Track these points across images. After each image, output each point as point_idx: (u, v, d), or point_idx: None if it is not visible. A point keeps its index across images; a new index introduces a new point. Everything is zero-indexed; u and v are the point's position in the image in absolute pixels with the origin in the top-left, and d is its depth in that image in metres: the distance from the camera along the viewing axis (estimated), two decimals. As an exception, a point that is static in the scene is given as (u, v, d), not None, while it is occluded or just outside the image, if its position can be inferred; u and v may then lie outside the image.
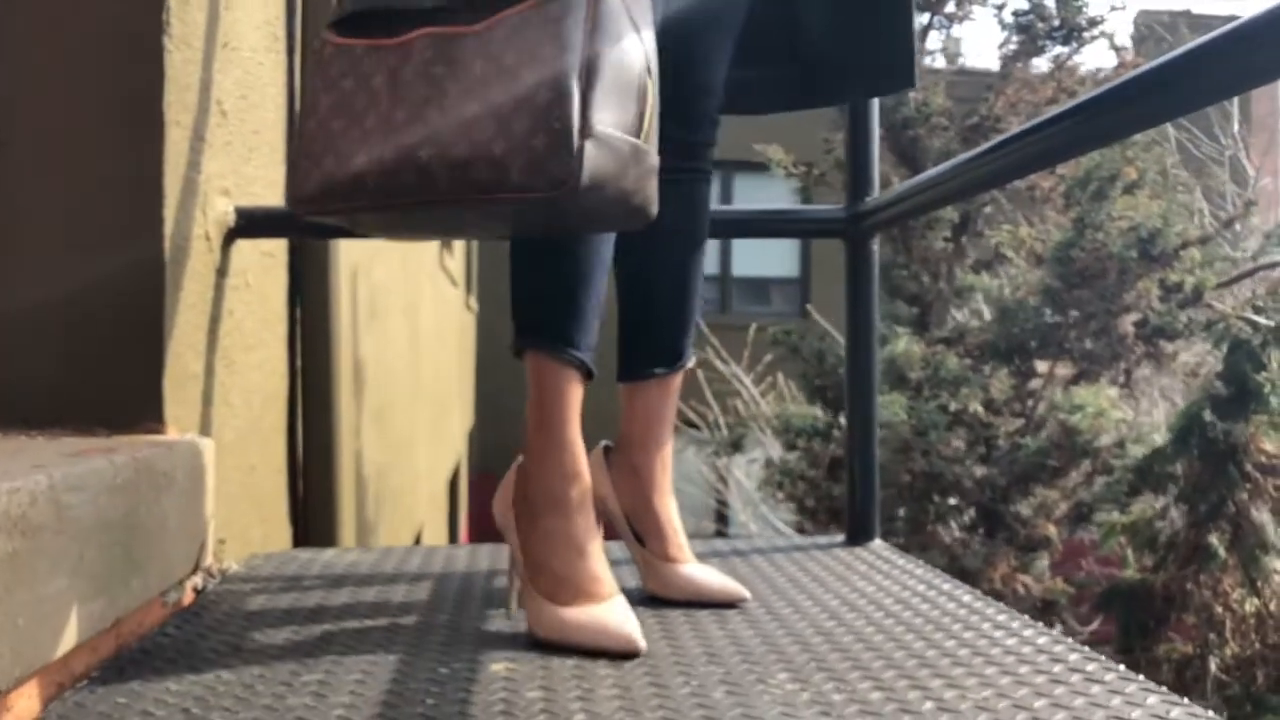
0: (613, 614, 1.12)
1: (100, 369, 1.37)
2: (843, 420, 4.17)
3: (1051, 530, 4.03)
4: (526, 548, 1.18)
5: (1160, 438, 4.36)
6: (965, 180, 1.39)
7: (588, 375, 1.18)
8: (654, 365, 1.36)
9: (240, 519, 1.62)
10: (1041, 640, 1.14)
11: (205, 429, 1.49)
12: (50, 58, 1.37)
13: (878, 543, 1.66)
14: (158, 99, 1.37)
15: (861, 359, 1.65)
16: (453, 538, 8.01)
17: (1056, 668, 1.04)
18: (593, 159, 0.89)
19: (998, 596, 3.79)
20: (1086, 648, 1.12)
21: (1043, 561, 4.04)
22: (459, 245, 6.89)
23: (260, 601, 1.32)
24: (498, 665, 1.06)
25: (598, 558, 1.16)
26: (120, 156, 1.36)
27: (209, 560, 1.44)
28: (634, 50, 0.94)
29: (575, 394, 1.17)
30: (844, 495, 1.69)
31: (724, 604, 1.29)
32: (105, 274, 1.37)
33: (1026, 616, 1.25)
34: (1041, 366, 4.34)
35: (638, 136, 0.94)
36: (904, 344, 4.13)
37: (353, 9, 1.03)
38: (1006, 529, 4.03)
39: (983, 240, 4.84)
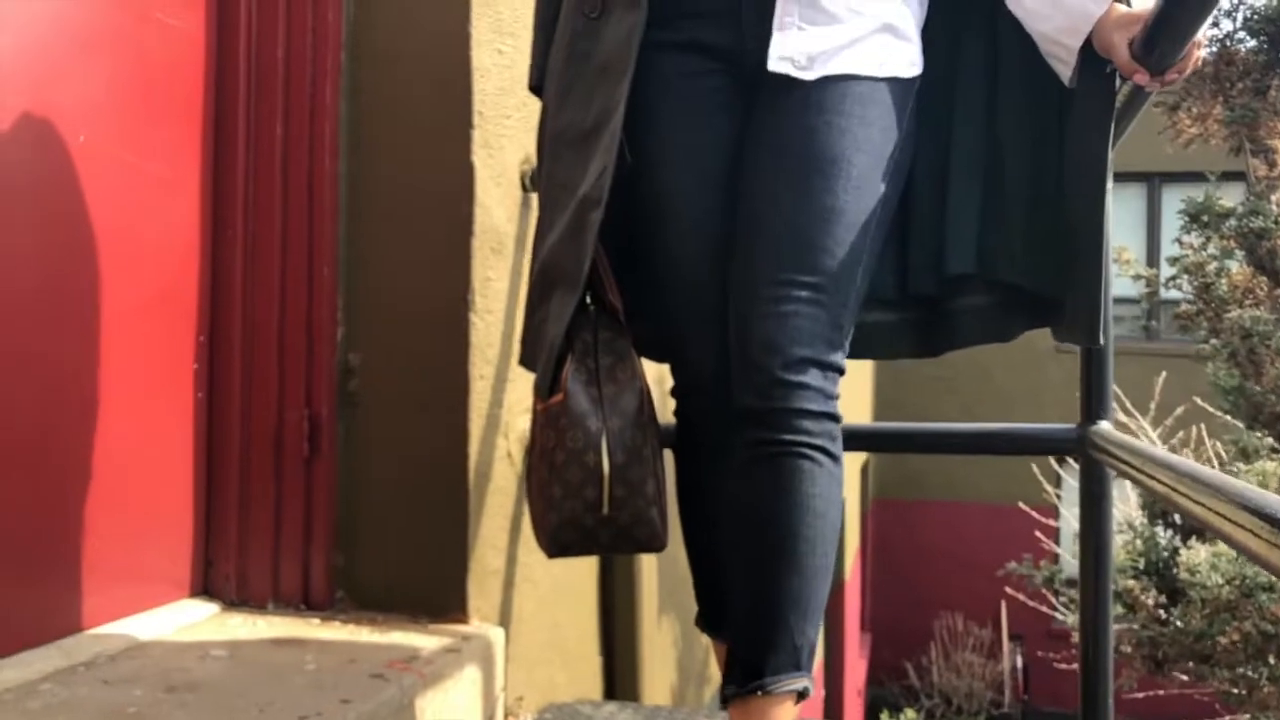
0: None
1: (421, 570, 1.77)
2: (1185, 548, 3.86)
3: None
4: None
5: None
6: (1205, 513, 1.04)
7: None
8: (727, 681, 1.19)
9: (541, 673, 1.97)
10: None
11: (505, 612, 1.86)
12: (386, 333, 1.78)
13: (1106, 759, 1.68)
14: (464, 362, 1.75)
15: (1096, 577, 1.68)
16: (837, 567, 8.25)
17: None
18: (558, 536, 1.24)
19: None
20: None
21: None
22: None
23: (528, 771, 1.65)
24: None
25: None
26: (437, 409, 1.75)
27: (502, 717, 1.80)
28: (590, 445, 1.22)
29: None
30: (1171, 643, 1.68)
31: None
32: (427, 495, 1.77)
33: None
34: None
35: (600, 511, 1.22)
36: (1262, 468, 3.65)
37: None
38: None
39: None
